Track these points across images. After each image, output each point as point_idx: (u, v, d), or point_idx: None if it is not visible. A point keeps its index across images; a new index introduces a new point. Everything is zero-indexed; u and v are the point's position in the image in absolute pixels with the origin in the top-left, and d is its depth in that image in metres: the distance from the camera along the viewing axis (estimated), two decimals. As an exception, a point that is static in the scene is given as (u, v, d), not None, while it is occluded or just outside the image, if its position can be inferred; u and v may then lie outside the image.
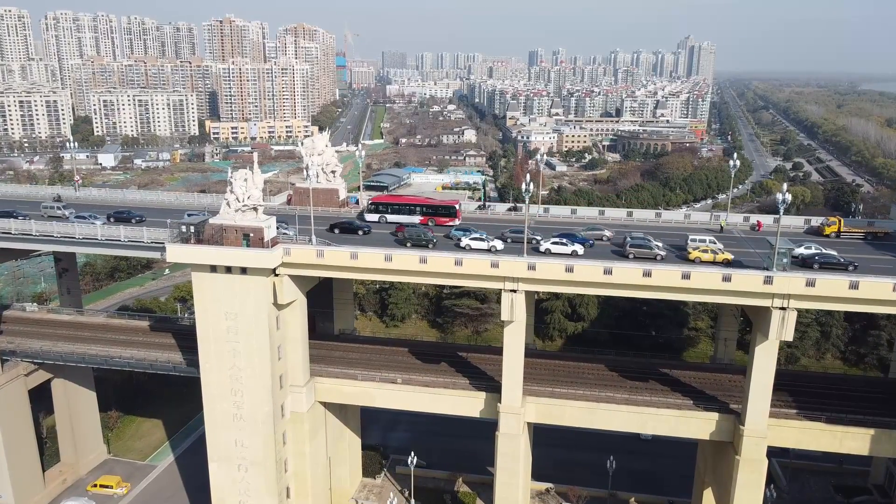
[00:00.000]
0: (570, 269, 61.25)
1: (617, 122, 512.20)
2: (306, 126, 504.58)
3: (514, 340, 66.92)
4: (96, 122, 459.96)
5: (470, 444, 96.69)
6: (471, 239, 68.24)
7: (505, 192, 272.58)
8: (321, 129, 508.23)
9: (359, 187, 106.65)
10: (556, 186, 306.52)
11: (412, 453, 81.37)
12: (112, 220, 77.17)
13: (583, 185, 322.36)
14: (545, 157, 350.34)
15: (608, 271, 60.70)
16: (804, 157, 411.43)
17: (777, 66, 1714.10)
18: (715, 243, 65.79)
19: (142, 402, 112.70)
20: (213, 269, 66.46)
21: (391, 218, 78.04)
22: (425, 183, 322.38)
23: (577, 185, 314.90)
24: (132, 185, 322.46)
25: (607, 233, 73.33)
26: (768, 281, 58.08)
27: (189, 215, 75.26)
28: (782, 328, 59.19)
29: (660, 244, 66.91)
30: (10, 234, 74.90)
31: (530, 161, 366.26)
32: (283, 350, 70.63)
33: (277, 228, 68.59)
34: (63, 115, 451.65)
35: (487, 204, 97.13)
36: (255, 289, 66.34)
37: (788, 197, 59.27)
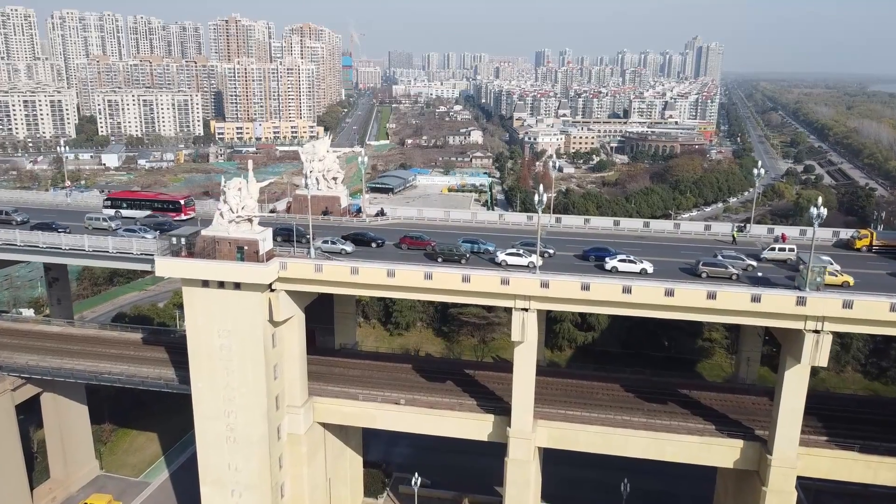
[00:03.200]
0: (586, 287, 57.04)
1: (625, 123, 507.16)
2: (311, 126, 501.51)
3: (525, 361, 62.72)
4: (101, 122, 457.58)
5: (477, 461, 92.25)
6: (507, 254, 63.66)
7: (512, 195, 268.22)
8: (326, 130, 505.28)
9: (361, 190, 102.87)
10: (564, 189, 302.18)
11: (416, 474, 77.33)
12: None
13: (591, 187, 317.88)
14: (555, 160, 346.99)
15: (627, 290, 56.46)
16: (815, 159, 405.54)
17: (784, 67, 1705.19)
18: (832, 264, 59.33)
19: (137, 414, 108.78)
20: (206, 283, 62.56)
21: (126, 213, 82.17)
22: (431, 185, 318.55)
23: (585, 188, 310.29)
24: (135, 185, 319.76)
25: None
26: (801, 302, 53.74)
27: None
28: (816, 353, 54.83)
29: (742, 259, 62.22)
30: (-4, 244, 71.30)
31: (537, 163, 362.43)
32: (280, 369, 66.67)
33: (334, 243, 66.33)
34: (67, 114, 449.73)
35: (494, 209, 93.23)
36: (249, 305, 62.42)
37: (824, 211, 54.85)
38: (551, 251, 66.78)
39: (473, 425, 68.55)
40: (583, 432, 66.26)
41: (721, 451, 63.84)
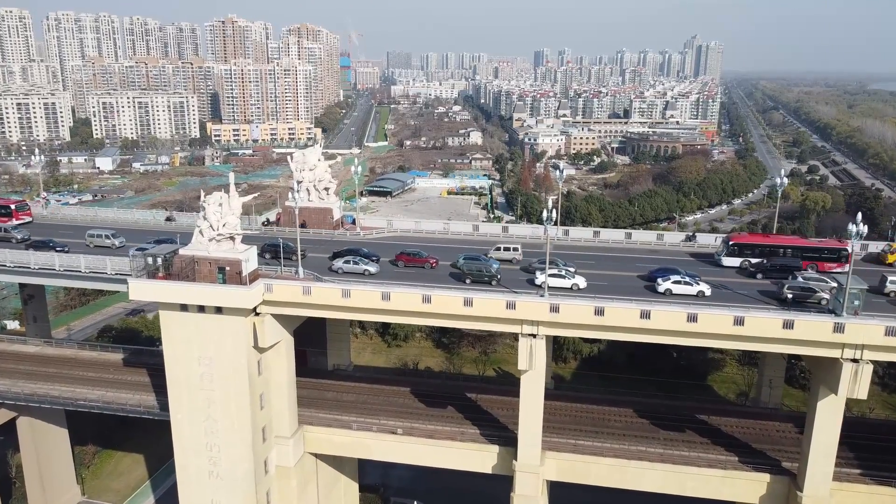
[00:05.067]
0: (600, 312, 51.90)
1: (626, 123, 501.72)
2: (309, 128, 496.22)
3: (533, 390, 57.60)
4: (95, 125, 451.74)
5: (478, 484, 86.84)
6: (549, 276, 58.37)
7: (512, 198, 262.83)
8: (324, 131, 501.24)
9: (361, 193, 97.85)
10: (566, 191, 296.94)
11: (415, 502, 72.37)
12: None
13: (592, 189, 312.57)
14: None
15: (645, 315, 51.36)
16: (818, 159, 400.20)
17: (783, 66, 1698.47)
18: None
19: (121, 435, 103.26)
20: (184, 307, 57.42)
21: None
22: (430, 188, 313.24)
23: (587, 190, 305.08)
24: (129, 189, 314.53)
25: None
26: (839, 328, 48.67)
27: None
28: (854, 384, 49.72)
29: (827, 280, 55.85)
30: (-43, 262, 66.12)
31: (538, 164, 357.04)
32: (267, 398, 61.55)
33: (356, 262, 62.56)
34: (62, 117, 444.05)
35: (495, 212, 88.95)
36: (232, 330, 57.34)
37: (864, 228, 49.76)
38: (573, 269, 61.47)
39: (476, 457, 63.53)
40: (594, 464, 61.24)
41: (746, 486, 58.80)
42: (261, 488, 62.02)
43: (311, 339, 74.12)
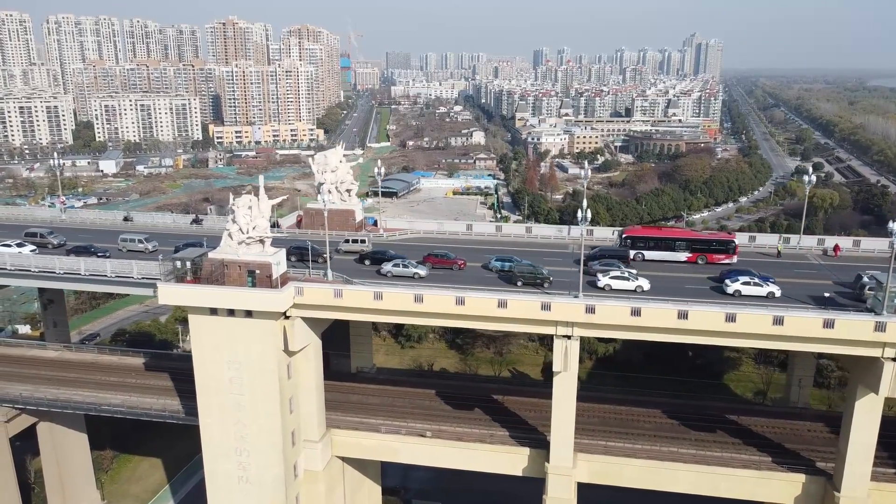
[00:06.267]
0: (636, 313, 51.44)
1: (628, 122, 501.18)
2: (311, 129, 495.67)
3: (565, 392, 57.08)
4: (98, 128, 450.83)
5: (500, 484, 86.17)
6: (612, 277, 57.94)
7: (519, 198, 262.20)
8: (326, 132, 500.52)
9: (367, 194, 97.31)
10: (571, 190, 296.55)
11: (438, 504, 71.98)
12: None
13: (597, 188, 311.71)
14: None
15: (683, 315, 50.87)
16: (822, 156, 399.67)
17: (782, 64, 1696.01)
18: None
19: (138, 439, 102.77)
20: (214, 311, 56.92)
21: None
22: (435, 188, 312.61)
23: (593, 189, 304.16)
24: (133, 192, 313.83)
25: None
26: (880, 327, 48.19)
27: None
28: (896, 383, 49.23)
29: None
30: (-17, 267, 65.58)
31: (542, 164, 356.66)
32: (296, 402, 61.08)
33: (406, 265, 61.99)
34: (64, 120, 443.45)
35: (501, 215, 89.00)
36: (262, 334, 56.86)
37: (906, 227, 49.30)
38: (634, 271, 60.90)
39: (506, 459, 63.02)
40: (627, 466, 60.76)
41: (781, 487, 58.33)
42: (290, 493, 61.56)
43: (334, 341, 73.57)
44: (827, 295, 54.69)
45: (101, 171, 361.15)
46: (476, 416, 68.21)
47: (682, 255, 66.43)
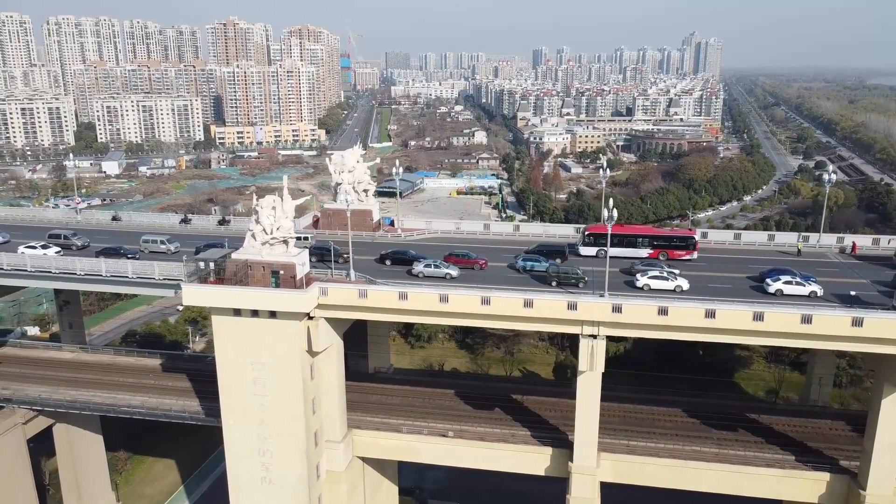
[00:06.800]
0: (663, 312, 51.42)
1: (630, 121, 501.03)
2: (313, 130, 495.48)
3: (590, 392, 57.06)
4: (100, 129, 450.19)
5: (514, 484, 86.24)
6: (650, 277, 57.69)
7: (524, 198, 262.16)
8: (328, 132, 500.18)
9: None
10: (576, 190, 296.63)
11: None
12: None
13: (600, 187, 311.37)
14: (562, 159, 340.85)
15: (710, 314, 50.85)
16: (824, 154, 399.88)
17: (781, 62, 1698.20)
18: None
19: (151, 440, 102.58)
20: (237, 312, 56.85)
21: None
22: (439, 188, 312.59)
23: (596, 189, 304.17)
24: (137, 193, 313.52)
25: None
26: (909, 325, 48.20)
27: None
28: (925, 382, 49.23)
29: None
30: (3, 269, 65.46)
31: (545, 163, 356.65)
32: (318, 402, 61.00)
33: (437, 266, 61.97)
34: (66, 121, 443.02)
35: (505, 215, 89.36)
36: (286, 335, 56.78)
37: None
38: (676, 271, 60.58)
39: (529, 459, 62.93)
40: (650, 465, 60.74)
41: (804, 486, 58.32)
42: (313, 493, 61.48)
43: (351, 341, 73.35)
44: (853, 293, 54.62)
45: (105, 172, 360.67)
46: (496, 416, 68.16)
47: (644, 252, 67.45)
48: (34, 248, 65.73)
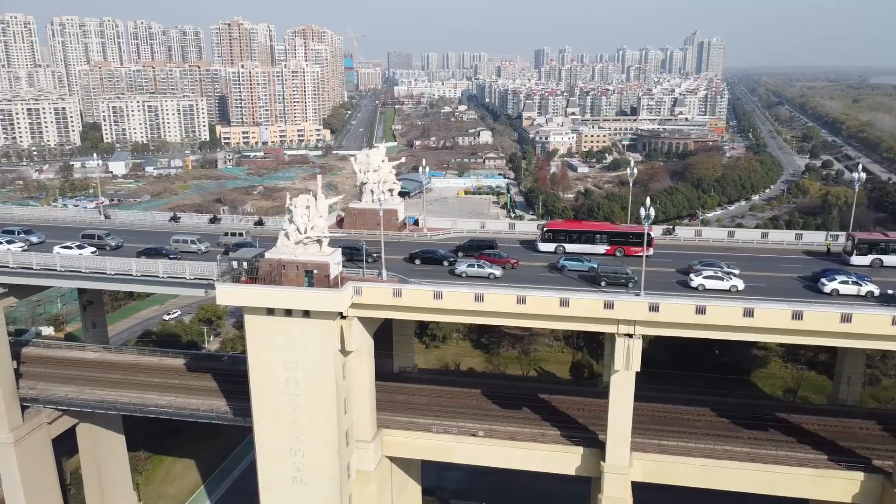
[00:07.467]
0: (701, 311, 51.31)
1: (635, 120, 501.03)
2: (318, 129, 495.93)
3: (623, 392, 56.96)
4: (105, 129, 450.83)
5: (535, 483, 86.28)
6: (705, 277, 57.16)
7: (532, 197, 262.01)
8: (332, 132, 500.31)
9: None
10: (583, 189, 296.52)
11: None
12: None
13: (607, 187, 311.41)
14: (567, 158, 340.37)
15: (749, 313, 50.73)
16: (830, 153, 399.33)
17: (783, 61, 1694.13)
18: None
19: (170, 440, 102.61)
20: (270, 311, 56.79)
21: None
22: (446, 188, 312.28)
23: (603, 188, 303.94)
24: (144, 193, 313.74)
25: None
26: (950, 324, 48.06)
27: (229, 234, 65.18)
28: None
29: None
30: (32, 269, 65.46)
31: (551, 163, 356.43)
32: (349, 402, 60.95)
33: (481, 266, 61.79)
34: (72, 122, 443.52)
35: (514, 215, 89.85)
36: (318, 334, 56.69)
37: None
38: (736, 272, 60.13)
39: (560, 458, 62.87)
40: (682, 465, 60.66)
41: (838, 485, 58.18)
42: (344, 493, 61.42)
43: (376, 341, 73.25)
44: (890, 292, 54.44)
45: (112, 172, 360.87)
46: (524, 416, 68.04)
47: (602, 248, 68.26)
48: (69, 248, 65.74)
